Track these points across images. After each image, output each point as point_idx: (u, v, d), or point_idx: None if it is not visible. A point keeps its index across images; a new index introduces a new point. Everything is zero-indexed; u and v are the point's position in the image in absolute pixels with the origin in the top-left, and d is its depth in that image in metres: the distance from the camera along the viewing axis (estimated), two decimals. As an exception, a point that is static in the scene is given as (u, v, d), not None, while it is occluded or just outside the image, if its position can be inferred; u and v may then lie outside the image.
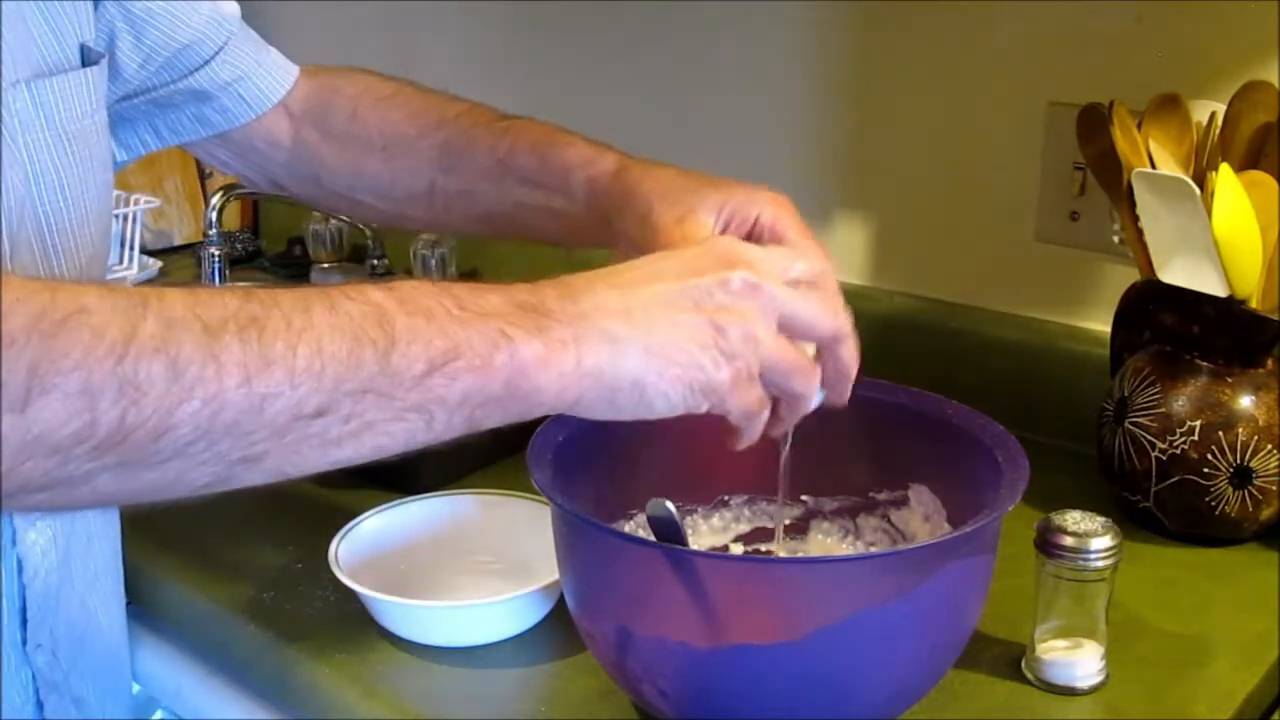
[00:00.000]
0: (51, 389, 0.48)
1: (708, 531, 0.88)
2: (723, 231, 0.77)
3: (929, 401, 0.81)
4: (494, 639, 0.85)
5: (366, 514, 0.93)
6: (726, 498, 0.87)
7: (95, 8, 0.82)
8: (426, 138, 0.92)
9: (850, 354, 0.69)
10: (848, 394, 0.71)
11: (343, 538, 0.90)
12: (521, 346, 0.56)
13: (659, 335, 0.59)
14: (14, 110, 0.73)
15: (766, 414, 0.64)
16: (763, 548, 0.88)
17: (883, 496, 0.85)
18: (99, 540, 0.85)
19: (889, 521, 0.85)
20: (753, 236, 0.77)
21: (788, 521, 0.88)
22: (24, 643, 0.78)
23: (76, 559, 0.82)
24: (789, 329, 0.63)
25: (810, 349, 0.68)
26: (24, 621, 0.78)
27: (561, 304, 0.58)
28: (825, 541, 0.87)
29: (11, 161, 0.73)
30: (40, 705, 0.80)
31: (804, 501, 0.87)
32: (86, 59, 0.79)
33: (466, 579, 0.91)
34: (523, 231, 0.91)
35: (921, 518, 0.83)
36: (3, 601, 0.76)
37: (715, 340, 0.60)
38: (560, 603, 0.84)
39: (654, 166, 0.83)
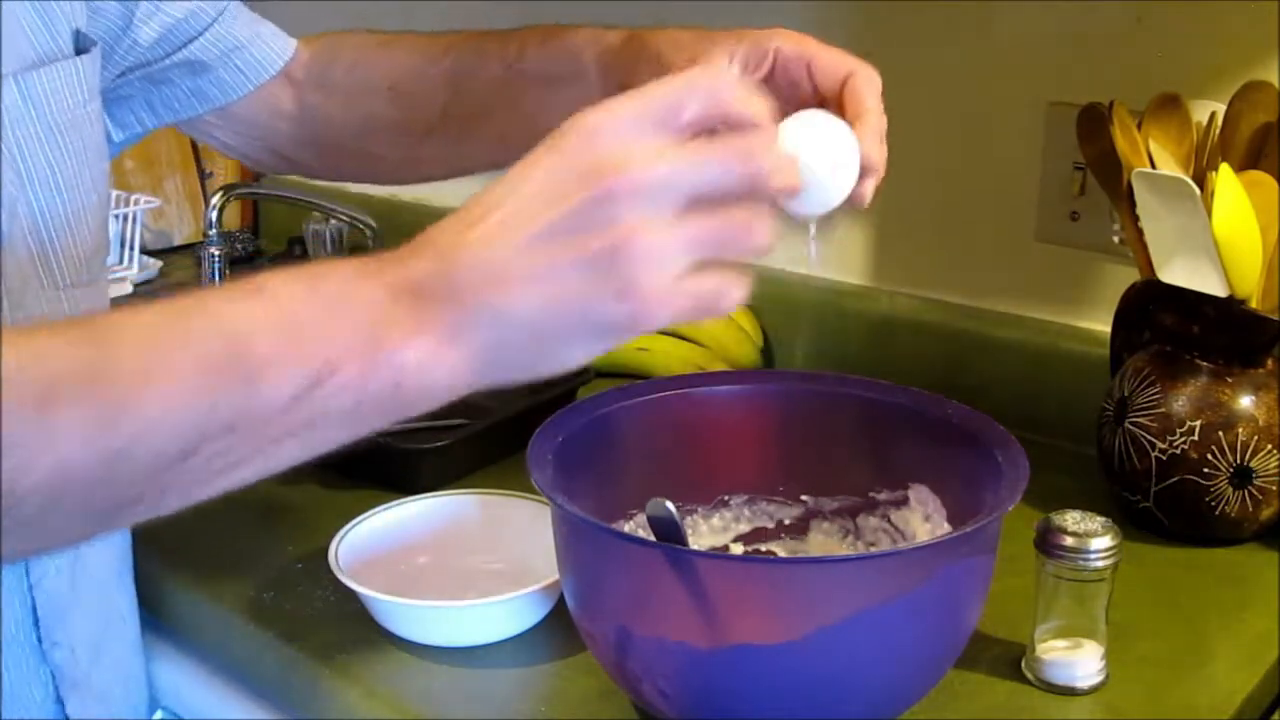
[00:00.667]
0: None
1: (708, 531, 0.88)
2: (743, 69, 0.73)
3: (929, 401, 0.81)
4: (494, 639, 0.85)
5: (366, 514, 0.93)
6: (726, 498, 0.87)
7: None
8: (435, 64, 0.89)
9: (779, 161, 0.56)
10: (864, 192, 0.65)
11: (343, 538, 0.90)
12: (404, 349, 0.51)
13: (544, 292, 0.52)
14: (3, 106, 0.73)
15: (738, 293, 0.54)
16: (763, 547, 0.88)
17: (883, 496, 0.85)
18: (110, 537, 0.85)
19: (889, 521, 0.85)
20: (775, 74, 0.74)
21: (787, 521, 0.88)
22: (39, 640, 0.78)
23: (88, 555, 0.81)
24: (705, 199, 0.53)
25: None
26: (36, 621, 0.78)
27: (436, 283, 0.52)
28: (825, 541, 0.87)
29: (1, 158, 0.72)
30: (61, 703, 0.80)
31: (804, 501, 0.87)
32: (80, 46, 0.78)
33: (466, 579, 0.91)
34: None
35: (922, 518, 0.83)
36: (14, 602, 0.76)
37: (608, 274, 0.52)
38: (560, 603, 0.84)
39: (663, 28, 0.79)
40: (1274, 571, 0.94)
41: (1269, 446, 0.94)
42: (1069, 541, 0.77)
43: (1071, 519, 0.78)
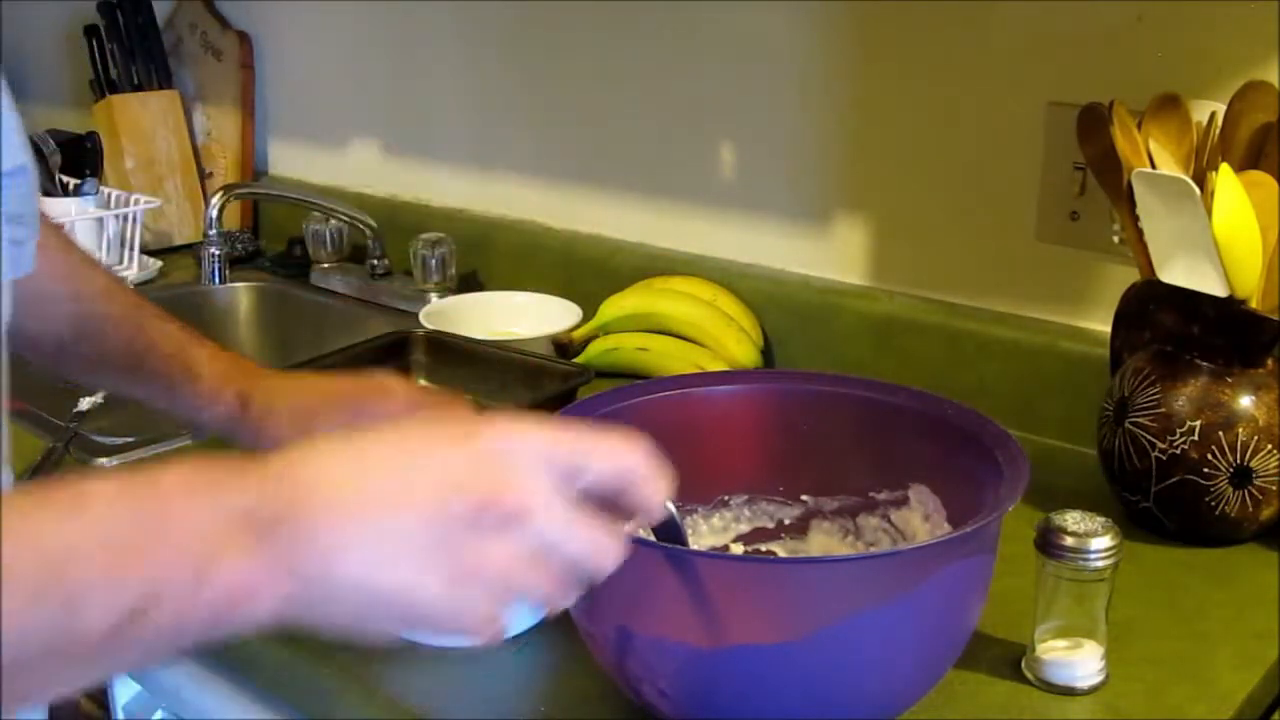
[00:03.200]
0: None
1: (708, 531, 0.88)
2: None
3: (929, 401, 0.81)
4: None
5: None
6: (726, 498, 0.87)
7: None
8: (60, 305, 0.88)
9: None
10: None
11: None
12: (229, 577, 0.50)
13: (392, 580, 0.52)
14: None
15: (501, 637, 0.57)
16: (763, 547, 0.88)
17: (883, 496, 0.85)
18: None
19: (889, 521, 0.85)
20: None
21: (787, 521, 0.88)
22: None
23: None
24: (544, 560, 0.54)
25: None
26: None
27: (286, 524, 0.51)
28: (825, 541, 0.87)
29: None
30: None
31: (804, 501, 0.87)
32: None
33: None
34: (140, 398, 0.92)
35: (921, 517, 0.83)
36: None
37: (448, 592, 0.52)
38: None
39: (270, 408, 0.86)
40: (1274, 571, 0.94)
41: (1269, 446, 0.94)
42: (1069, 541, 0.77)
43: (1071, 519, 0.78)
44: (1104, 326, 1.07)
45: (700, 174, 1.39)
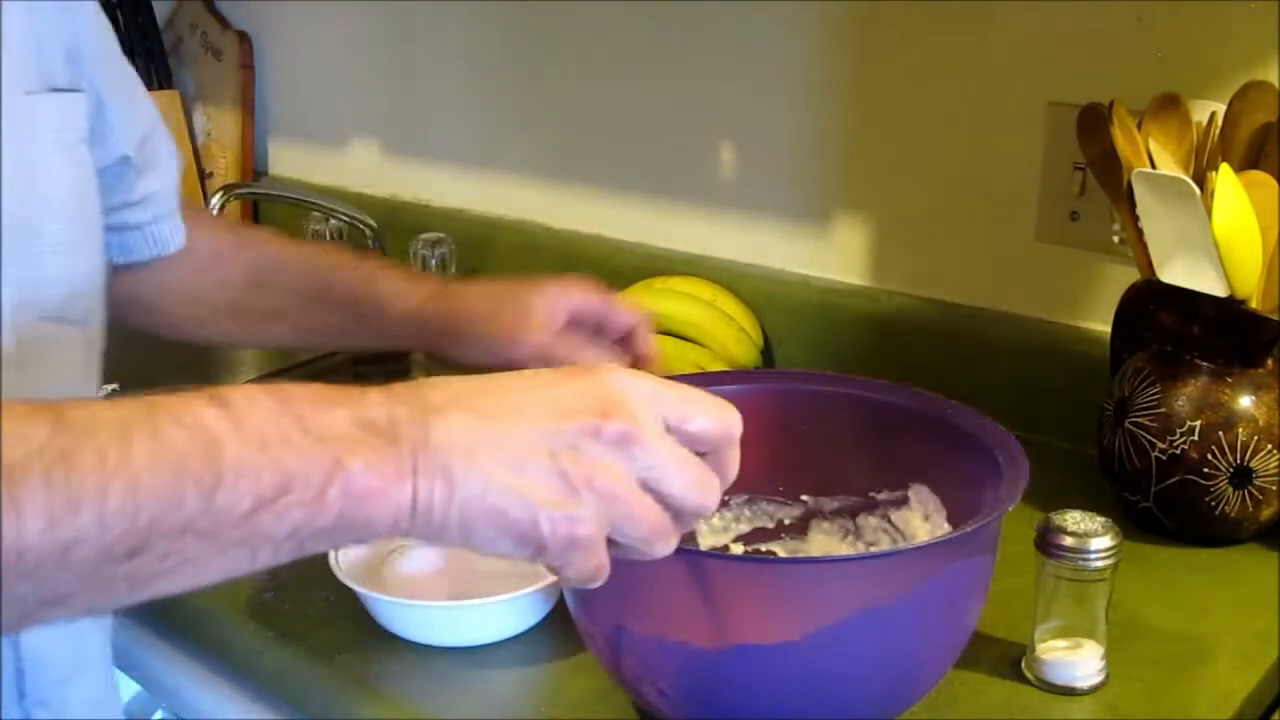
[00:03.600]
0: None
1: (708, 531, 0.88)
2: (567, 322, 0.85)
3: (928, 401, 0.81)
4: (494, 639, 0.85)
5: None
6: (726, 498, 0.87)
7: None
8: (240, 254, 0.93)
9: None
10: None
11: None
12: (357, 479, 0.52)
13: (499, 481, 0.53)
14: (29, 119, 0.73)
15: (603, 578, 0.57)
16: (763, 547, 0.88)
17: (883, 496, 0.85)
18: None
19: (889, 521, 0.85)
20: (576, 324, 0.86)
21: (787, 521, 0.88)
22: (22, 698, 0.77)
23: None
24: (651, 490, 0.56)
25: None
26: (21, 676, 0.76)
27: (411, 429, 0.53)
28: (825, 541, 0.87)
29: (19, 167, 0.73)
30: None
31: (804, 501, 0.87)
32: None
33: (467, 579, 0.91)
34: (341, 348, 0.94)
35: (922, 518, 0.83)
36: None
37: (561, 500, 0.54)
38: (560, 603, 0.84)
39: (470, 284, 0.90)
40: (1274, 571, 0.94)
41: (1269, 446, 0.94)
42: (1069, 541, 0.77)
43: (1071, 519, 0.78)
44: (1104, 326, 1.07)
45: (700, 174, 1.39)
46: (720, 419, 0.59)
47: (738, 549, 0.88)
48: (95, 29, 0.84)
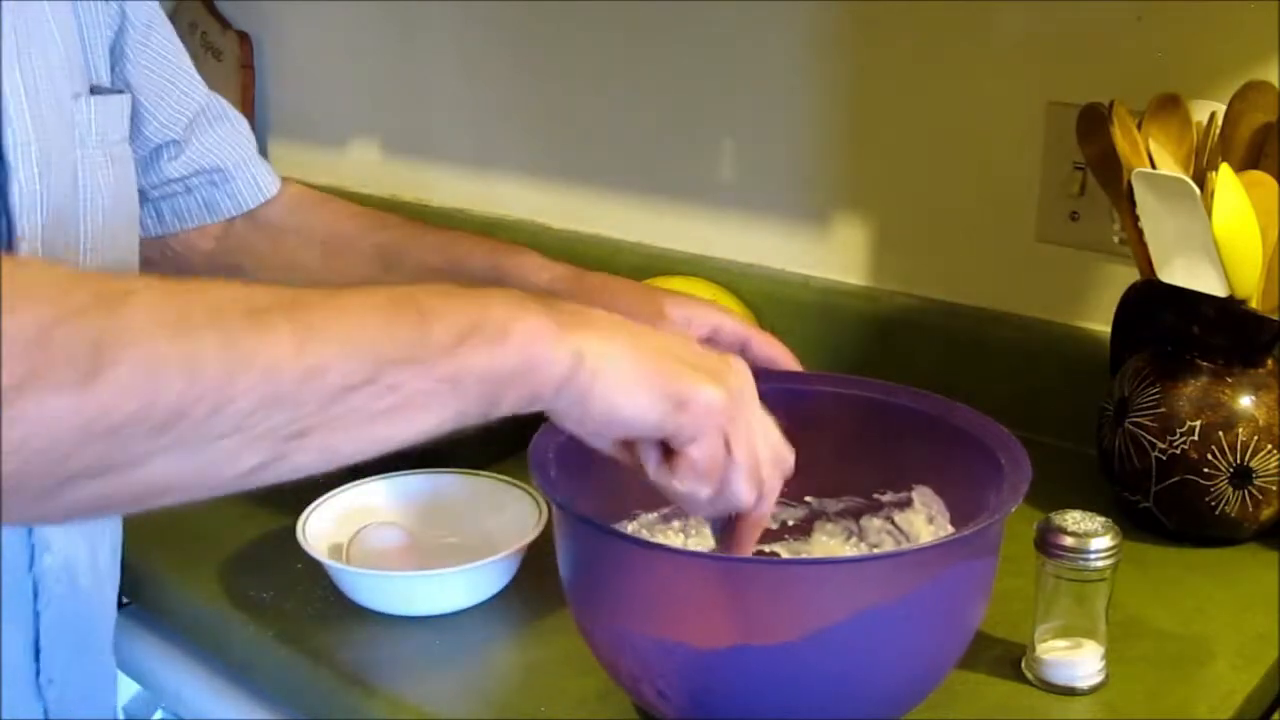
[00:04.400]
0: (116, 363, 0.47)
1: (711, 533, 0.87)
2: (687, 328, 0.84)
3: (931, 402, 0.81)
4: (460, 606, 0.88)
5: (335, 491, 0.95)
6: None
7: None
8: (367, 237, 0.93)
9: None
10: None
11: (311, 513, 0.93)
12: (534, 319, 0.57)
13: (652, 347, 0.61)
14: (74, 121, 0.75)
15: (715, 481, 0.64)
16: (766, 549, 0.88)
17: (886, 498, 0.85)
18: (104, 564, 0.84)
19: (893, 523, 0.85)
20: (714, 339, 0.85)
21: (791, 522, 0.88)
22: (37, 675, 0.78)
23: (82, 583, 0.81)
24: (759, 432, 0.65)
25: None
26: (36, 653, 0.77)
27: (566, 306, 0.60)
28: (828, 543, 0.87)
29: (65, 170, 0.74)
30: None
31: (808, 503, 0.87)
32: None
33: (433, 553, 0.93)
34: None
35: (925, 519, 0.83)
36: (15, 634, 0.75)
37: (708, 371, 0.62)
38: (560, 603, 0.84)
39: (606, 277, 0.89)
40: (1274, 571, 0.94)
41: (1269, 446, 0.94)
42: (1069, 541, 0.77)
43: (1071, 519, 0.78)
44: (1104, 326, 1.07)
45: (700, 174, 1.39)
46: (786, 452, 0.68)
47: None
48: (143, 14, 0.86)
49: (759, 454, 0.64)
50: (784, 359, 0.87)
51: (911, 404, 0.82)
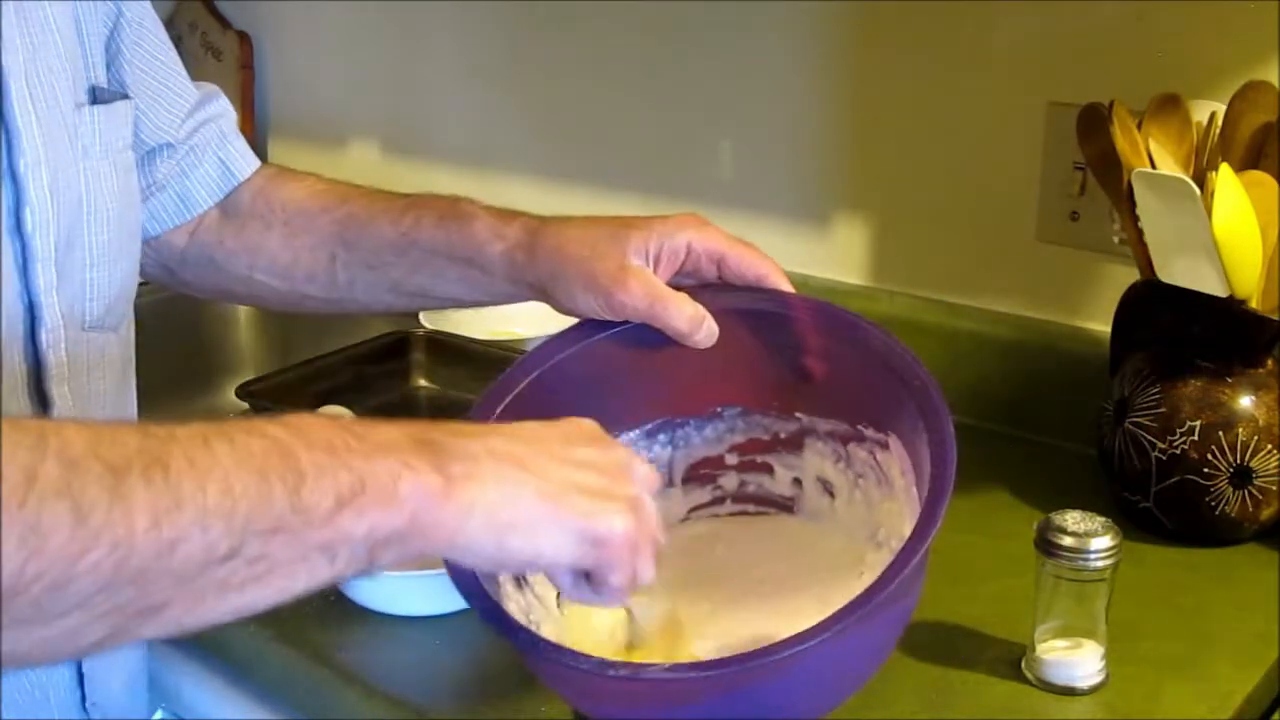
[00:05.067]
0: None
1: (701, 443, 0.86)
2: (655, 267, 0.77)
3: (905, 364, 0.77)
4: (456, 607, 0.87)
5: None
6: (719, 409, 0.85)
7: None
8: (328, 212, 0.89)
9: None
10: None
11: None
12: (424, 479, 0.54)
13: (553, 482, 0.58)
14: (79, 133, 0.74)
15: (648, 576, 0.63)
16: (758, 459, 0.86)
17: (869, 434, 0.81)
18: None
19: (875, 460, 0.82)
20: (687, 264, 0.78)
21: (783, 435, 0.85)
22: (83, 701, 0.78)
23: None
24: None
25: None
26: (80, 680, 0.77)
27: (456, 442, 0.57)
28: (820, 463, 0.84)
29: (72, 185, 0.73)
30: None
31: (798, 419, 0.84)
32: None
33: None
34: (434, 301, 0.88)
35: (899, 471, 0.79)
36: (60, 668, 0.76)
37: (607, 494, 0.60)
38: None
39: (564, 225, 0.81)
40: (1274, 571, 0.94)
41: (1269, 446, 0.94)
42: (1069, 541, 0.77)
43: (1071, 519, 0.78)
44: (1104, 326, 1.07)
45: (700, 174, 1.39)
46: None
47: (733, 459, 0.86)
48: (136, 10, 0.84)
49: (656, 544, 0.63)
50: (764, 273, 0.80)
51: (899, 365, 0.77)
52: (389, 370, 1.34)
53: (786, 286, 0.78)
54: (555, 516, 0.58)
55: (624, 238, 0.77)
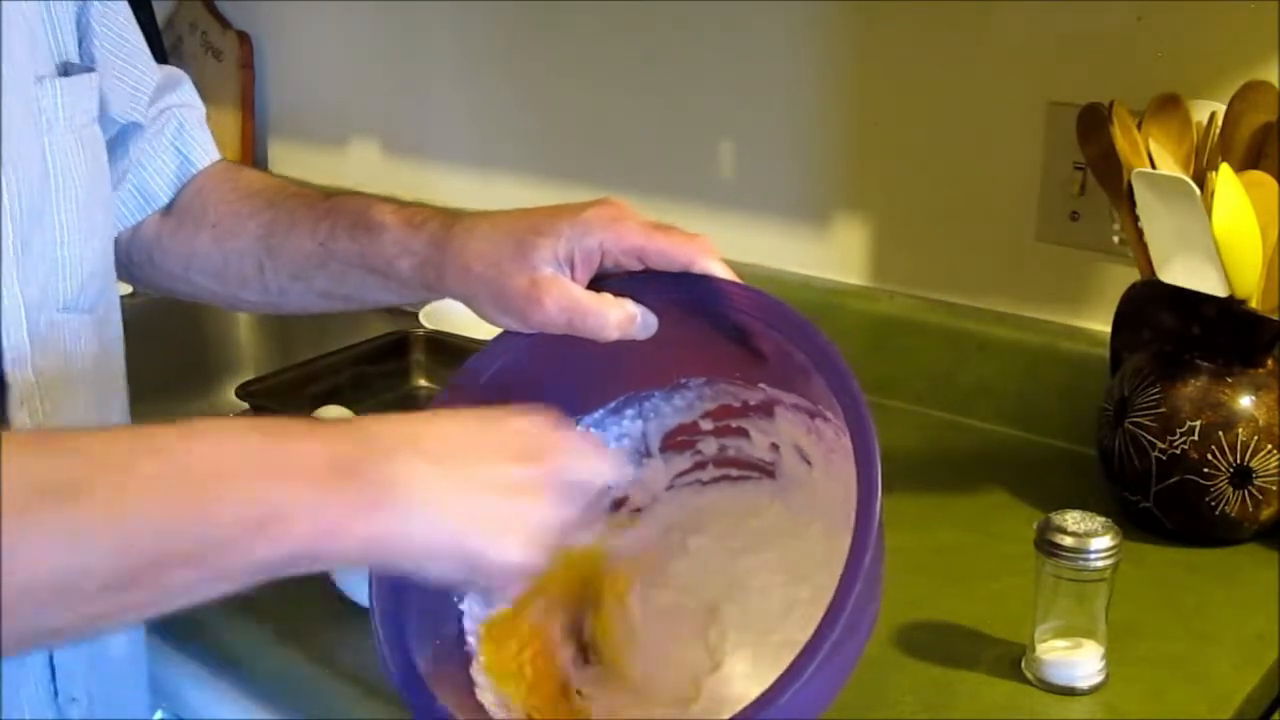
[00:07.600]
0: None
1: (671, 412, 0.83)
2: (571, 272, 0.73)
3: (821, 355, 0.73)
4: None
5: None
6: (684, 380, 0.82)
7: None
8: (255, 217, 0.86)
9: None
10: None
11: None
12: (329, 511, 0.55)
13: (457, 512, 0.58)
14: (40, 107, 0.73)
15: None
16: (733, 423, 0.83)
17: (831, 418, 0.77)
18: None
19: (842, 440, 0.75)
20: (605, 264, 0.74)
21: (753, 403, 0.82)
22: (55, 695, 0.77)
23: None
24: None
25: None
26: (53, 674, 0.77)
27: (375, 466, 0.57)
28: (793, 432, 0.81)
29: (34, 159, 0.72)
30: None
31: (762, 389, 0.81)
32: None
33: None
34: (370, 304, 0.86)
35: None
36: (29, 657, 0.75)
37: (507, 524, 0.59)
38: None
39: (469, 236, 0.77)
40: (1274, 571, 0.94)
41: (1269, 446, 0.94)
42: (1069, 541, 0.77)
43: (1071, 519, 0.78)
44: (1104, 326, 1.07)
45: (700, 174, 1.39)
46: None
47: (708, 425, 0.83)
48: None
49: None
50: (689, 259, 0.73)
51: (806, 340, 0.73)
52: (389, 370, 1.34)
53: (716, 268, 0.73)
54: (451, 547, 0.58)
55: (530, 248, 0.73)
